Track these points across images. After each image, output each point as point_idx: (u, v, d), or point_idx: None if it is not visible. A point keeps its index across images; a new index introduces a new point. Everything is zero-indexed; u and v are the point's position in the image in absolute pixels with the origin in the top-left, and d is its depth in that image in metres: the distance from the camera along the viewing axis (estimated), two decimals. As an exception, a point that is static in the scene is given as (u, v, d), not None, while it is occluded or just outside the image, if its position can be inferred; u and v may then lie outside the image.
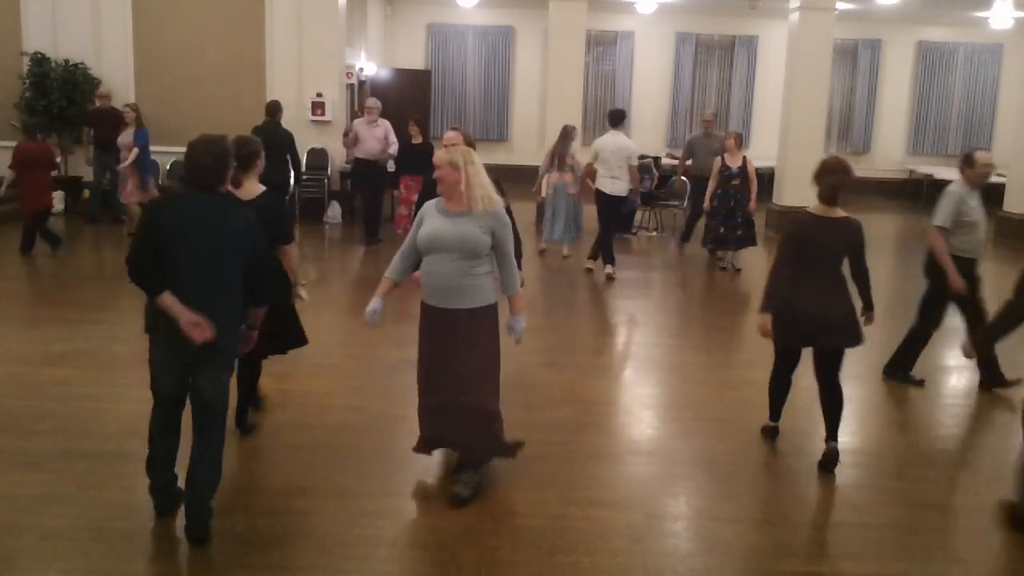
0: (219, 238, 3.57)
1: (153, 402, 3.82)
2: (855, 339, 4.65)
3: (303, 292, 4.87)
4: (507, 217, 4.16)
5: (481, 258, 4.07)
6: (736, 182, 9.77)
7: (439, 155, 4.15)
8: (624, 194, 9.36)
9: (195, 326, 3.50)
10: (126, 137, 10.61)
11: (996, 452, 5.22)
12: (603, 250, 9.47)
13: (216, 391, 3.70)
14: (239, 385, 4.77)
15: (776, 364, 5.04)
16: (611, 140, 9.31)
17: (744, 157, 9.86)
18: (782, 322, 4.63)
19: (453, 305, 4.06)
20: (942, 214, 5.83)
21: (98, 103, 11.72)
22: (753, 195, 9.88)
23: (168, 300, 3.51)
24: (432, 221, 4.09)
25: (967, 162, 5.89)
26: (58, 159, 10.53)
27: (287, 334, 4.87)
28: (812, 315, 4.57)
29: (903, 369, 6.29)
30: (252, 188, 4.48)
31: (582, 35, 12.88)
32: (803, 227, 4.65)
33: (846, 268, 4.74)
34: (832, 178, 4.62)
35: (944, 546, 4.06)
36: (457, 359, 4.11)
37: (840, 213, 4.66)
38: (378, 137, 10.70)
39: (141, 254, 3.54)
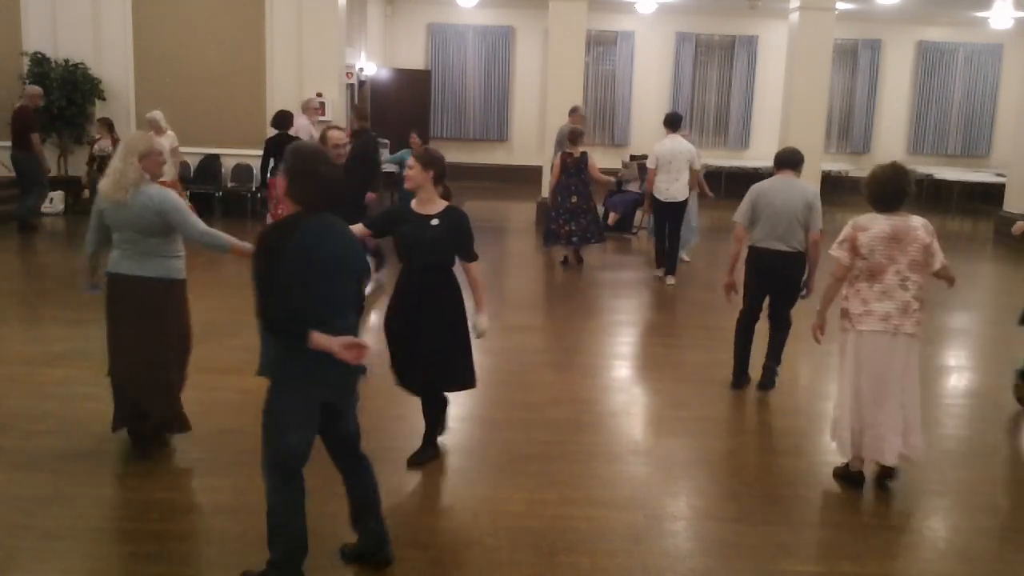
0: (348, 262, 3.25)
1: (286, 478, 3.27)
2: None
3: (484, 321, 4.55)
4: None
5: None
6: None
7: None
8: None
9: (351, 347, 3.11)
10: None
11: (997, 452, 5.22)
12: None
13: (357, 423, 3.52)
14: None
15: None
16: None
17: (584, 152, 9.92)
18: None
19: None
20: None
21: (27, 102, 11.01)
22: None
23: (318, 337, 3.08)
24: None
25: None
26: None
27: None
28: None
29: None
30: (438, 203, 4.40)
31: (582, 35, 12.89)
32: None
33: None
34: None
35: (946, 546, 4.06)
36: None
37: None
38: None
39: (286, 302, 3.05)
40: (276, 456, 3.25)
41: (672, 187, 9.10)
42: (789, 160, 5.76)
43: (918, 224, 4.34)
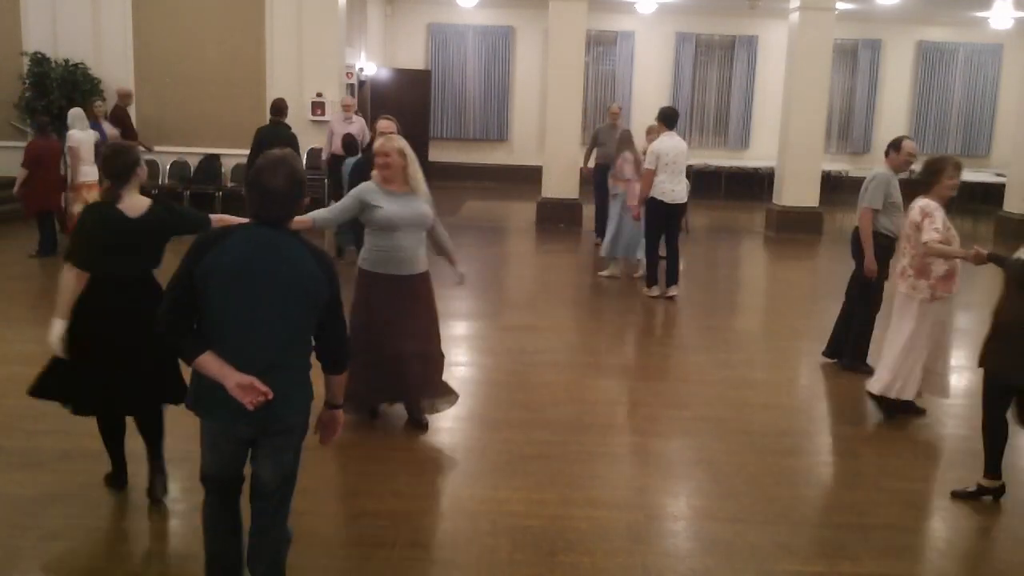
0: (281, 283, 2.84)
1: (206, 491, 3.11)
2: None
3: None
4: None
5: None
6: None
7: (384, 143, 4.76)
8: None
9: (247, 388, 2.80)
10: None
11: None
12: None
13: (277, 475, 3.02)
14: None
15: None
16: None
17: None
18: None
19: (410, 271, 4.82)
20: (873, 196, 6.11)
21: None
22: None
23: (211, 362, 2.82)
24: (385, 202, 4.69)
25: (894, 147, 6.20)
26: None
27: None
28: None
29: (854, 358, 6.34)
30: (136, 203, 3.80)
31: (582, 35, 12.88)
32: None
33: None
34: None
35: (946, 546, 4.06)
36: (416, 316, 4.88)
37: None
38: (353, 133, 10.82)
39: (172, 305, 2.87)
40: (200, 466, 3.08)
41: (678, 188, 8.32)
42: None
43: (915, 206, 5.26)
